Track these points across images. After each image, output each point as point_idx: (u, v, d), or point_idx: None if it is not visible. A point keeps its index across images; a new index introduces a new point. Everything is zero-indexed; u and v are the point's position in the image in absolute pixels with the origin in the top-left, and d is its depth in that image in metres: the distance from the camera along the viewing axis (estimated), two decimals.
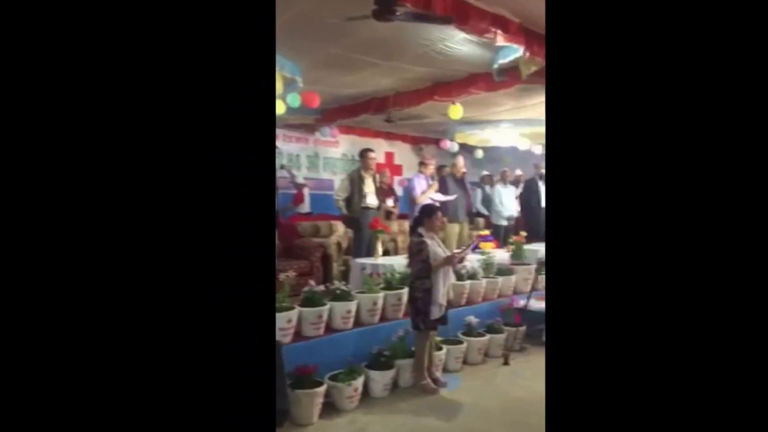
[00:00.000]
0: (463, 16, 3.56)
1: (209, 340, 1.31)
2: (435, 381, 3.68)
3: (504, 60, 4.62)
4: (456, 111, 6.11)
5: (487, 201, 8.31)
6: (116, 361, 1.26)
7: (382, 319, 3.98)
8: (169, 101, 1.31)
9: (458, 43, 4.54)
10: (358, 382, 3.34)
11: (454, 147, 9.04)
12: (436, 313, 3.55)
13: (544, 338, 4.60)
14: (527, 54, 4.24)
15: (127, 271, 1.28)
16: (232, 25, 1.33)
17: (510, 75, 5.08)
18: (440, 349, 3.92)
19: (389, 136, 10.03)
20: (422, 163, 6.34)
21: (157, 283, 1.29)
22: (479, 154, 9.80)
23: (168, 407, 1.28)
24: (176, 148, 1.31)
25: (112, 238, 1.27)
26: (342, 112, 7.53)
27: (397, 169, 10.26)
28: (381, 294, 3.95)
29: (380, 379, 3.51)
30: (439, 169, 7.31)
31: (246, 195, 1.35)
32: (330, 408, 3.26)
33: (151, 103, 1.30)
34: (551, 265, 1.40)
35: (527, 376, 3.96)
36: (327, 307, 3.61)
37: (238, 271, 1.33)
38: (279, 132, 8.04)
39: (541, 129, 7.95)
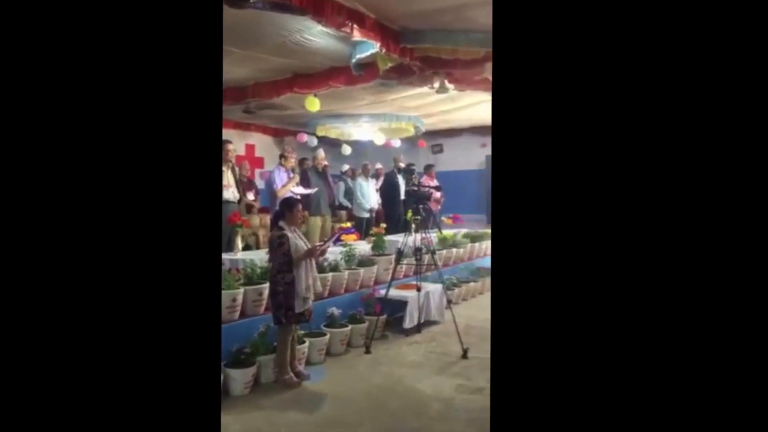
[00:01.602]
0: (319, 8, 3.56)
1: (155, 329, 1.32)
2: (298, 375, 3.67)
3: (361, 55, 4.70)
4: (312, 103, 6.11)
5: (350, 194, 8.44)
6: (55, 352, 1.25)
7: (242, 315, 3.87)
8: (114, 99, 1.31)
9: (316, 35, 4.53)
10: None
11: (313, 141, 9.03)
12: (300, 306, 3.53)
13: (403, 326, 4.80)
14: (383, 50, 4.35)
15: (75, 267, 1.27)
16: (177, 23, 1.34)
17: (368, 70, 5.19)
18: (303, 342, 3.91)
19: (249, 127, 9.74)
20: (282, 156, 6.26)
21: (107, 274, 1.29)
22: (347, 150, 9.89)
23: (115, 393, 1.28)
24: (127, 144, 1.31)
25: (54, 231, 1.26)
26: None
27: (258, 162, 10.00)
28: (241, 290, 3.84)
29: (240, 377, 3.42)
30: (301, 161, 7.26)
31: (192, 191, 1.37)
32: None
33: (100, 101, 1.30)
34: (496, 263, 1.39)
35: (388, 363, 4.10)
36: None
37: (185, 261, 1.35)
38: None
39: (398, 124, 8.25)
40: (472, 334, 4.75)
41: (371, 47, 4.43)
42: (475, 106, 7.65)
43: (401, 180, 7.67)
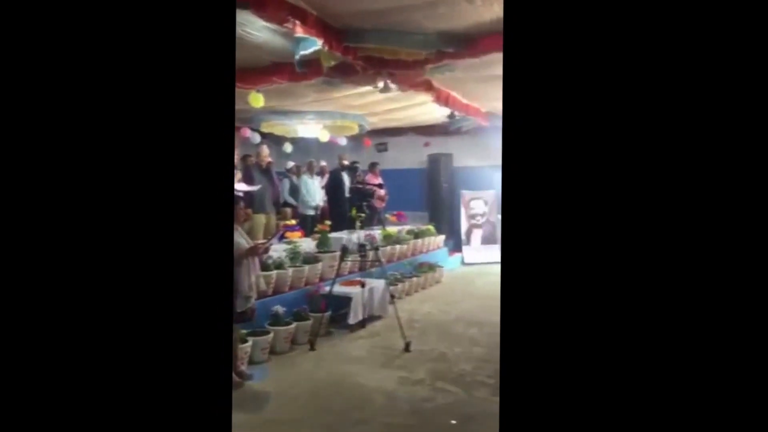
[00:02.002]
0: (260, 2, 3.52)
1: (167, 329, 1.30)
2: (240, 374, 3.63)
3: (305, 51, 4.68)
4: (257, 99, 6.02)
5: (295, 191, 8.37)
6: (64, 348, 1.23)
7: None
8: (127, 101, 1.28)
9: (258, 30, 4.47)
10: None
11: (256, 138, 8.90)
12: (242, 305, 3.49)
13: (348, 321, 4.82)
14: (326, 47, 4.35)
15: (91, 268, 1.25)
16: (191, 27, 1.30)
17: (311, 67, 5.17)
18: (246, 341, 3.87)
19: None
20: None
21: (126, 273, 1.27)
22: (288, 148, 9.79)
23: (119, 394, 1.26)
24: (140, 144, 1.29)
25: (65, 230, 1.24)
26: None
27: None
28: None
29: None
30: (244, 158, 7.14)
31: (205, 191, 1.33)
32: None
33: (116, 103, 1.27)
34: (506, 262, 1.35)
35: (332, 359, 4.12)
36: None
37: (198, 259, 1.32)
38: None
39: (343, 122, 8.25)
40: (415, 328, 4.85)
41: (314, 44, 4.41)
42: (418, 107, 7.74)
43: (346, 177, 7.68)
